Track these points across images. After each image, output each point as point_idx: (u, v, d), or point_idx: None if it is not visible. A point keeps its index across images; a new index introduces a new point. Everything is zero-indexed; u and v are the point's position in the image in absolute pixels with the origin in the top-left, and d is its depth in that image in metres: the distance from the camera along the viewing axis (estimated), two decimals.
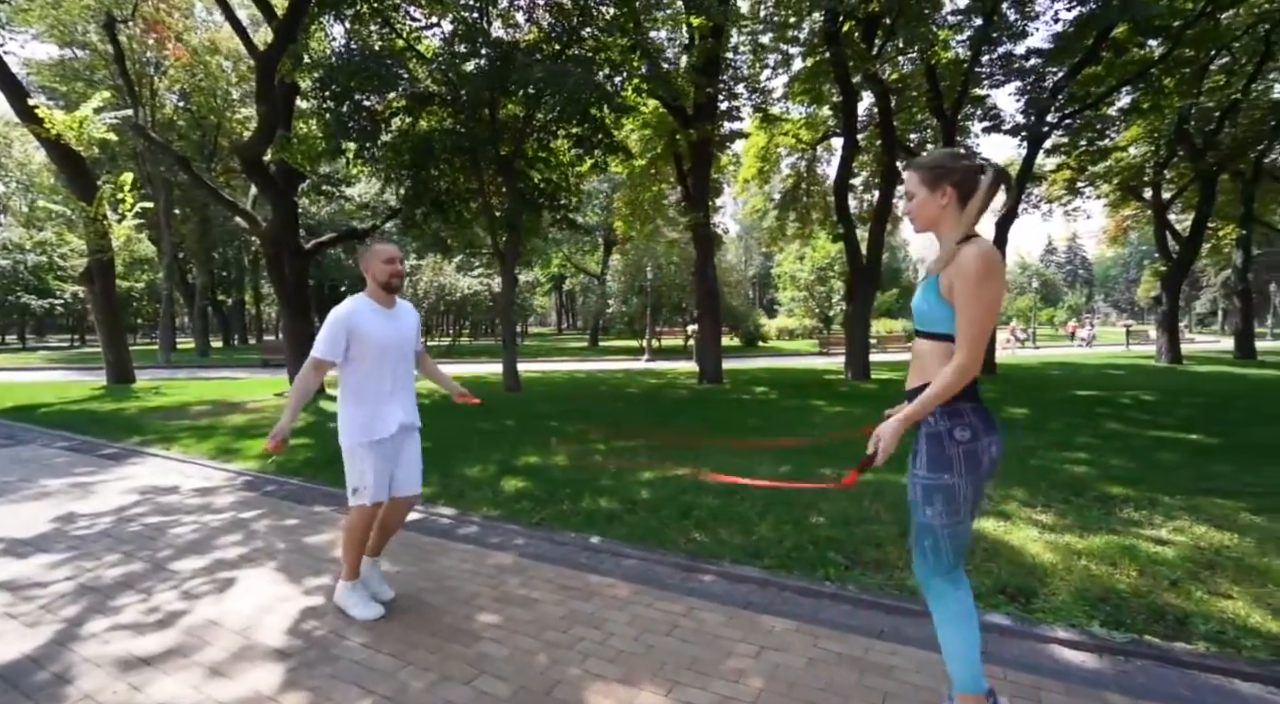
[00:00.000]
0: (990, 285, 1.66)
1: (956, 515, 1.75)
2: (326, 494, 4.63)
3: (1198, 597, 2.78)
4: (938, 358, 1.76)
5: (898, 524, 3.73)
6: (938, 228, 1.82)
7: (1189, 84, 14.75)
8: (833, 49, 11.75)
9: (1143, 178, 18.40)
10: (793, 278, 32.66)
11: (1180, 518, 3.88)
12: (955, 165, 1.79)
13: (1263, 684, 2.18)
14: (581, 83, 7.96)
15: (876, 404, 9.33)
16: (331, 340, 2.59)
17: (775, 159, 18.99)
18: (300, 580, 3.06)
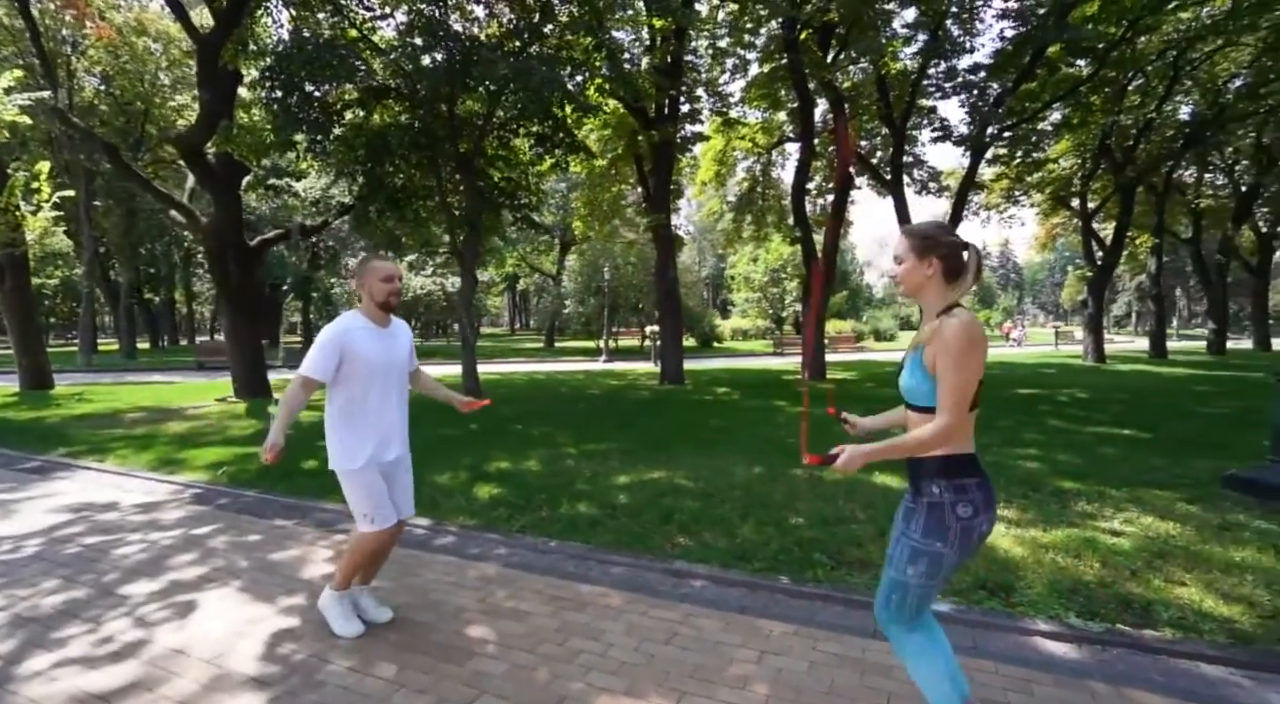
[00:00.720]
0: (974, 356, 1.66)
1: (934, 580, 1.77)
2: (287, 507, 4.39)
3: (1156, 585, 2.97)
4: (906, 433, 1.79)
5: (874, 524, 3.83)
6: (922, 295, 1.82)
7: (1111, 102, 15.82)
8: (790, 56, 12.00)
9: (1071, 188, 19.63)
10: (746, 279, 33.23)
11: (1128, 509, 4.13)
12: (943, 239, 1.81)
13: (1224, 666, 2.34)
14: (547, 80, 7.84)
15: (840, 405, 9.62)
16: (322, 360, 2.44)
17: (732, 162, 19.28)
18: (272, 600, 2.88)
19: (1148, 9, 12.98)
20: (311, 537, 3.77)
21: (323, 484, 4.82)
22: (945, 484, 1.74)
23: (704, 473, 5.17)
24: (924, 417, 1.78)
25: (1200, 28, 15.39)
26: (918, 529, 1.76)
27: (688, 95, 12.08)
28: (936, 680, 1.81)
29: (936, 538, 1.74)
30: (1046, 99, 14.37)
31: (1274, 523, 3.87)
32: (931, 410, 1.75)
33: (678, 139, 11.71)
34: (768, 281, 32.18)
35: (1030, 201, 20.82)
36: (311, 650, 2.45)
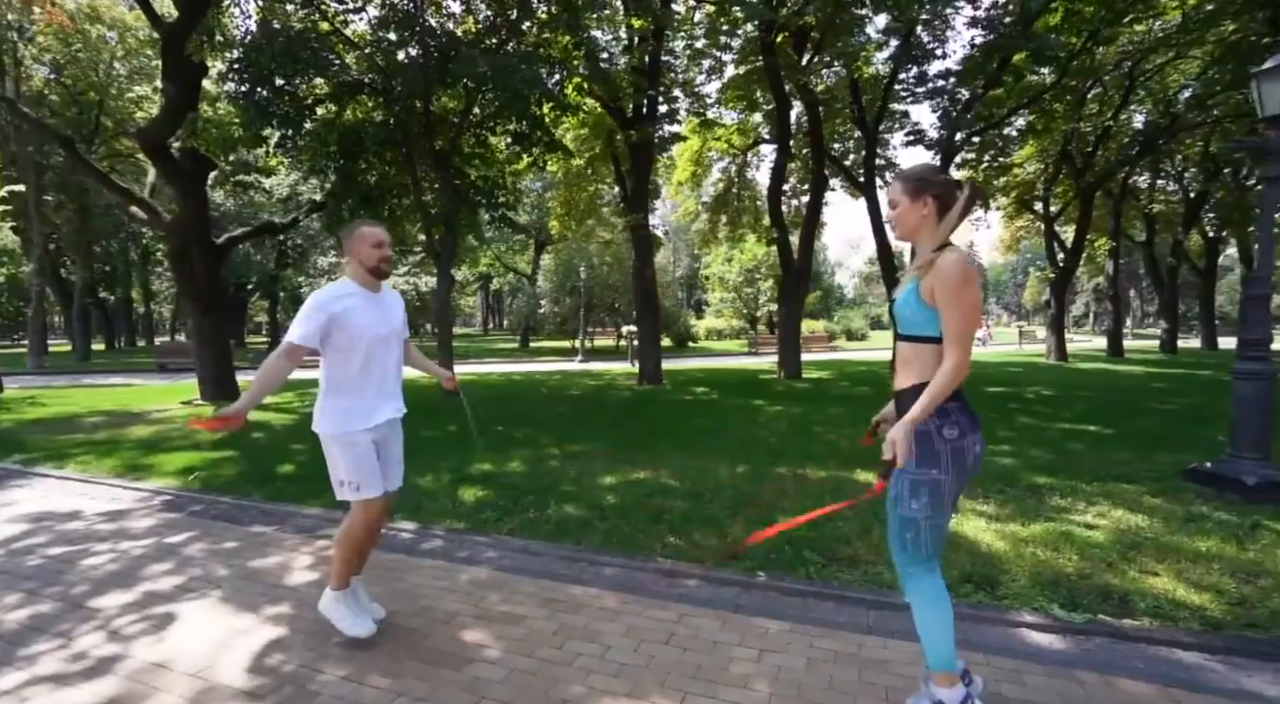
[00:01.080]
0: (971, 289, 1.77)
1: (940, 509, 1.85)
2: (265, 513, 4.26)
3: (1131, 576, 3.08)
4: (923, 359, 1.86)
5: (860, 521, 3.89)
6: (917, 235, 1.94)
7: (1072, 110, 16.38)
8: (767, 59, 12.13)
9: (1034, 192, 20.28)
10: (721, 279, 33.47)
11: (1099, 503, 4.28)
12: (936, 178, 1.92)
13: (1199, 653, 2.44)
14: (528, 79, 7.76)
15: (815, 403, 9.77)
16: (309, 326, 2.38)
17: (708, 163, 19.41)
18: (257, 610, 2.79)
19: (1105, 21, 13.47)
20: (293, 543, 3.66)
21: (303, 489, 4.70)
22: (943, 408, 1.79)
23: (690, 473, 5.19)
24: (918, 347, 1.87)
25: (1153, 40, 16.06)
26: (911, 461, 1.81)
27: (666, 96, 12.10)
28: (943, 632, 1.87)
29: (931, 465, 1.82)
30: (1012, 105, 14.81)
31: (1234, 514, 4.05)
32: (924, 339, 1.84)
33: (656, 139, 11.70)
34: (742, 282, 32.46)
35: (996, 205, 21.43)
36: (302, 660, 2.38)
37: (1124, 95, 17.80)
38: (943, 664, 1.89)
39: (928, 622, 1.90)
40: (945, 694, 1.88)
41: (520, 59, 7.86)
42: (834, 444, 6.54)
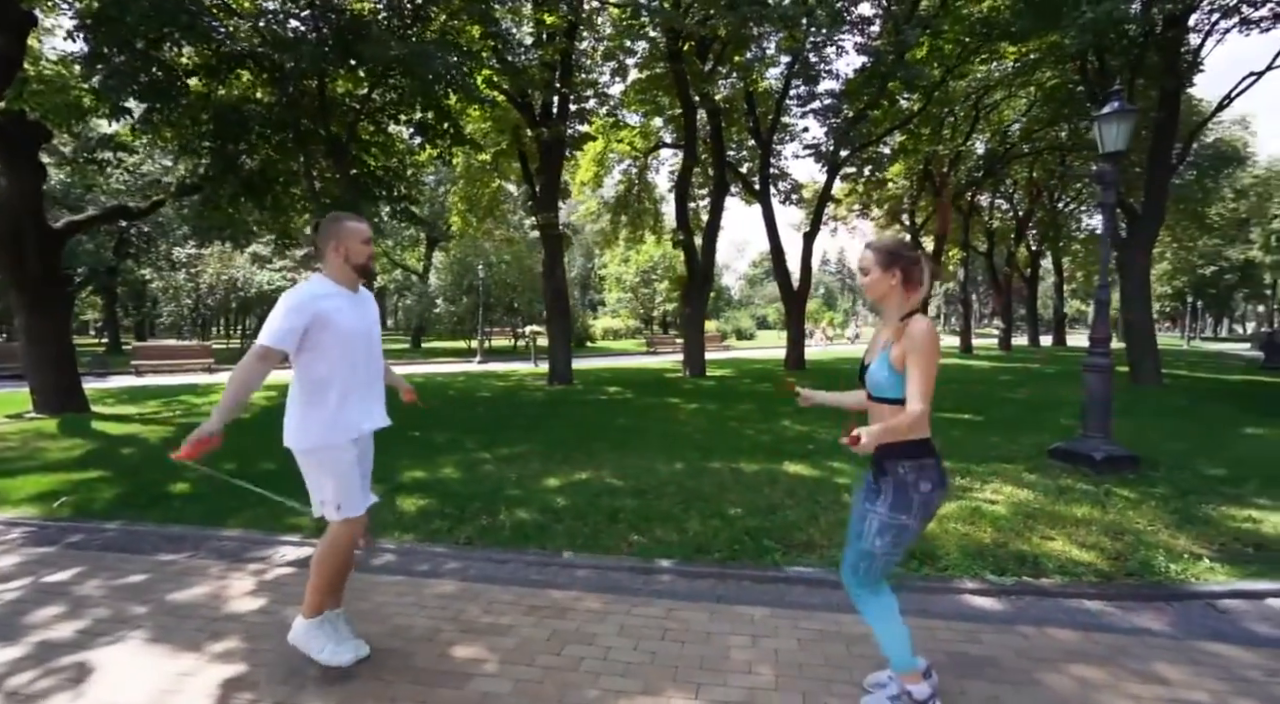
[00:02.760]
0: (935, 354, 1.96)
1: (897, 549, 2.05)
2: (171, 538, 3.75)
3: (1035, 542, 3.59)
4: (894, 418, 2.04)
5: (804, 509, 4.17)
6: (885, 302, 2.10)
7: (933, 135, 18.45)
8: (674, 66, 12.47)
9: (902, 205, 22.55)
10: (618, 279, 33.81)
11: (992, 481, 4.91)
12: (904, 253, 2.10)
13: (1100, 601, 2.91)
14: (445, 68, 7.40)
15: (726, 400, 10.21)
16: (288, 327, 2.14)
17: (609, 164, 19.57)
18: (199, 648, 2.47)
19: (960, 58, 15.35)
20: (218, 570, 3.26)
21: (209, 509, 4.19)
22: (910, 464, 1.99)
23: (630, 471, 5.25)
24: (889, 408, 2.03)
25: (993, 80, 18.52)
26: (885, 506, 2.00)
27: (577, 94, 12.04)
28: (897, 639, 2.07)
29: (902, 512, 2.00)
30: (887, 126, 16.37)
31: (1090, 484, 4.82)
32: (895, 402, 2.01)
33: (568, 137, 11.61)
34: (639, 282, 33.01)
35: (870, 216, 23.60)
36: (276, 697, 2.15)
37: (971, 125, 20.34)
38: (904, 667, 2.08)
39: (883, 634, 2.08)
40: (914, 689, 2.08)
41: (437, 47, 7.46)
42: (755, 439, 6.91)
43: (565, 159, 13.21)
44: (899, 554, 2.08)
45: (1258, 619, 2.81)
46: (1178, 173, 16.70)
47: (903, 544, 2.04)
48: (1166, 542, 3.60)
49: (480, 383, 13.26)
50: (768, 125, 16.52)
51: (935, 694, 2.07)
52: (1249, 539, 3.70)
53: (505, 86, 11.15)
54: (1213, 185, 27.09)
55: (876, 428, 1.93)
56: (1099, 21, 10.29)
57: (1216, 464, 5.68)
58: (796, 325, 16.95)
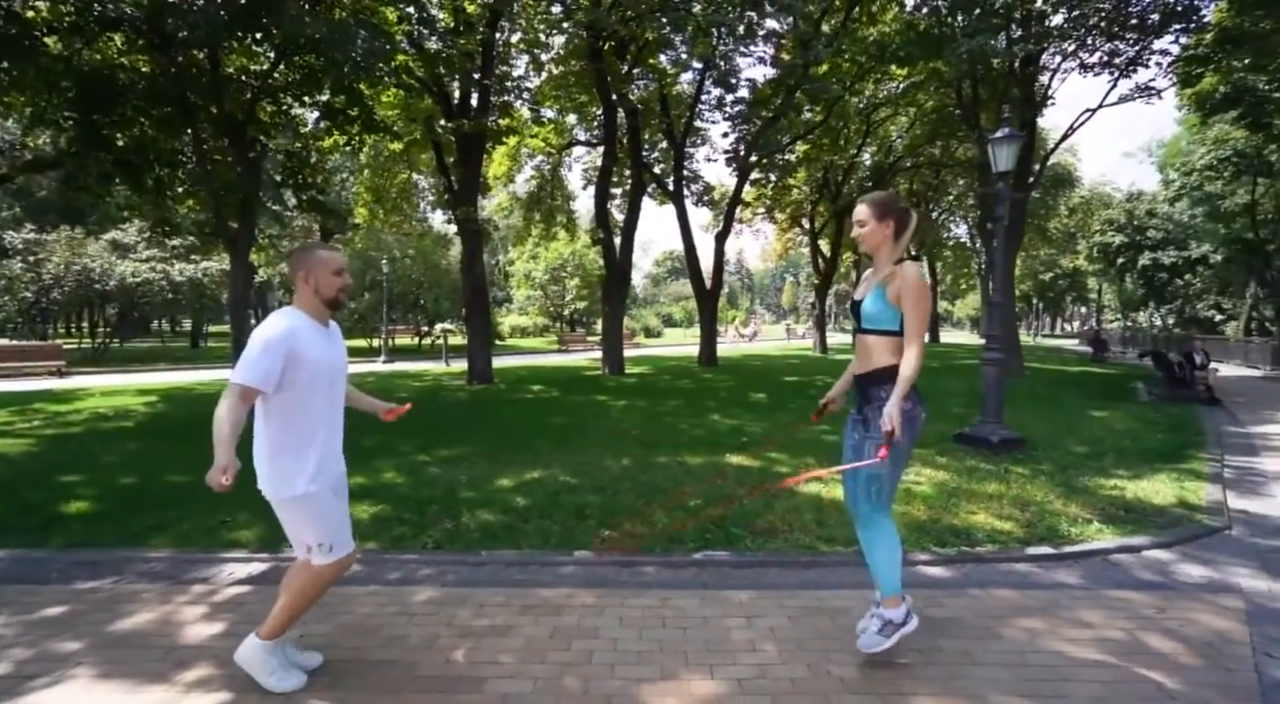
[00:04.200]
0: (928, 294, 2.30)
1: (899, 466, 2.36)
2: (85, 564, 3.30)
3: (963, 516, 4.04)
4: (885, 348, 2.30)
5: (755, 498, 4.41)
6: (879, 249, 2.38)
7: (832, 144, 19.81)
8: (595, 65, 12.49)
9: (803, 211, 24.00)
10: (527, 276, 33.23)
11: (914, 465, 5.42)
12: (896, 204, 2.40)
13: (1027, 563, 3.36)
14: (370, 52, 6.95)
15: (652, 397, 10.42)
16: (267, 365, 2.00)
17: (522, 160, 19.23)
18: (166, 679, 2.23)
19: (856, 77, 16.62)
20: (156, 594, 2.94)
21: (120, 527, 3.76)
22: (889, 389, 2.23)
23: (581, 469, 5.27)
24: (881, 339, 2.31)
25: (880, 99, 20.20)
26: (878, 428, 2.23)
27: (499, 87, 11.74)
28: (894, 563, 2.33)
29: (901, 432, 2.23)
30: (793, 135, 17.36)
31: (992, 464, 5.48)
32: (886, 332, 2.29)
33: (490, 130, 11.29)
34: (548, 279, 32.64)
35: (774, 219, 24.90)
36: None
37: (862, 138, 22.06)
38: (893, 590, 2.34)
39: (883, 557, 2.33)
40: (892, 613, 2.34)
41: (359, 26, 6.98)
42: (691, 433, 7.15)
43: (488, 152, 12.83)
44: (899, 472, 2.36)
45: (1141, 568, 3.37)
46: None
47: (901, 463, 2.33)
48: (1061, 510, 4.19)
49: (394, 384, 12.58)
50: (681, 128, 16.97)
51: (910, 612, 2.33)
52: (1119, 504, 4.40)
53: (420, 74, 10.67)
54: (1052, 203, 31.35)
55: (894, 399, 2.16)
56: (973, 52, 11.61)
57: (1080, 443, 6.65)
58: (709, 323, 17.57)
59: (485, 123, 10.71)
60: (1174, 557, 3.54)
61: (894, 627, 2.31)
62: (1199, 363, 11.35)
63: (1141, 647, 2.50)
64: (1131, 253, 36.19)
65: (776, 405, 9.43)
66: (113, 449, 6.13)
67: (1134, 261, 36.44)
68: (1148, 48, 13.61)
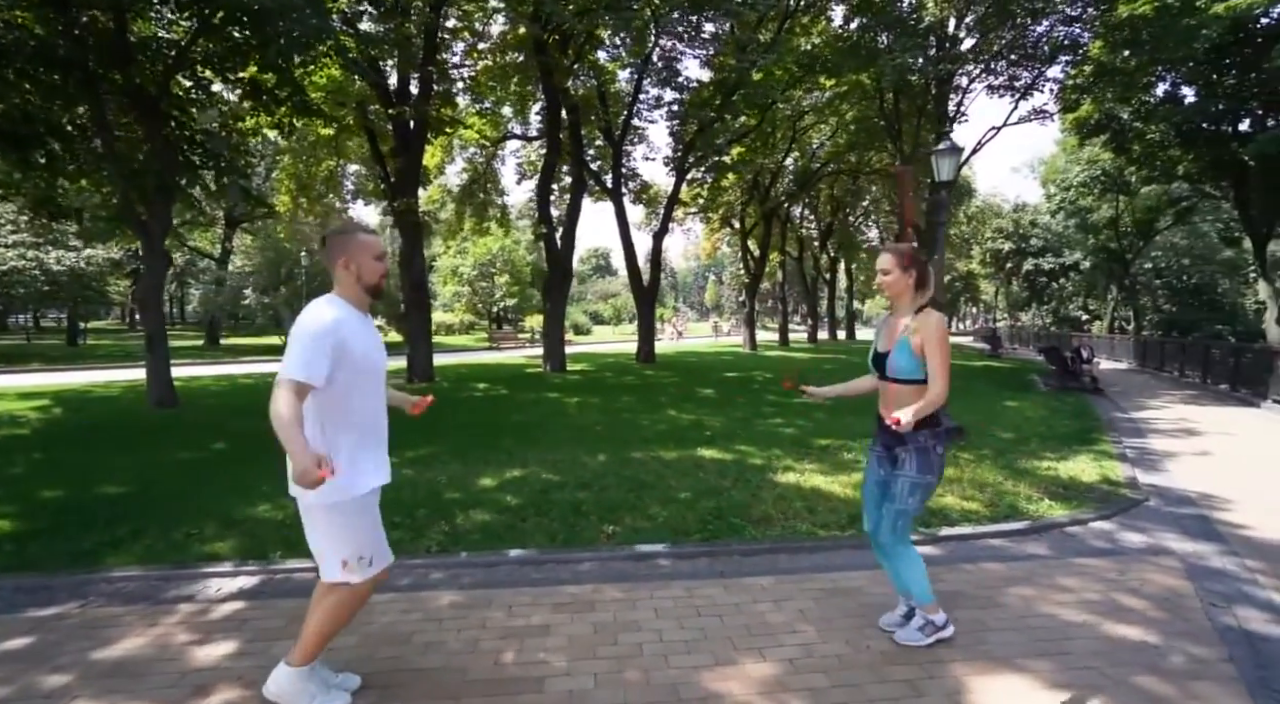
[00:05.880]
0: (947, 340, 2.42)
1: (923, 503, 2.52)
2: (28, 589, 2.92)
3: (935, 499, 4.34)
4: (911, 395, 2.40)
5: (744, 489, 4.57)
6: (900, 298, 2.51)
7: (764, 147, 20.54)
8: (540, 58, 12.30)
9: (734, 212, 24.72)
10: (454, 272, 32.13)
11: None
12: (918, 257, 2.55)
13: (1001, 538, 3.70)
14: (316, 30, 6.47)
15: (603, 393, 10.42)
16: (317, 358, 1.85)
17: (453, 152, 18.60)
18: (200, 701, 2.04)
19: (787, 85, 17.32)
20: (137, 617, 2.65)
21: (70, 546, 3.36)
22: (928, 432, 2.42)
23: (557, 466, 5.23)
24: (909, 387, 2.44)
25: (806, 107, 21.18)
26: (913, 469, 2.41)
27: (440, 75, 11.28)
28: (922, 577, 2.51)
29: (927, 472, 2.43)
30: (728, 137, 17.85)
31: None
32: (913, 382, 2.43)
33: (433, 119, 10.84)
34: (477, 275, 31.72)
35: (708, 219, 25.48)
36: None
37: (788, 145, 23.03)
38: (927, 599, 2.51)
39: (912, 576, 2.49)
40: (936, 617, 2.52)
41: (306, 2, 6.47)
42: (654, 428, 7.24)
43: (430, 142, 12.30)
44: (922, 507, 2.51)
45: (1093, 538, 3.80)
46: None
47: (927, 498, 2.48)
48: (1014, 490, 4.63)
49: None
50: (619, 126, 17.02)
51: (947, 619, 2.52)
52: (1058, 483, 4.91)
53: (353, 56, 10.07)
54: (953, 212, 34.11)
55: (913, 409, 2.30)
56: (901, 68, 12.46)
57: (1004, 430, 7.32)
58: (647, 321, 17.75)
59: (428, 111, 10.27)
60: (1114, 527, 4.01)
61: (934, 628, 2.47)
62: (1085, 357, 12.78)
63: (1116, 605, 2.83)
64: (1018, 258, 40.03)
65: (725, 400, 9.70)
66: (15, 460, 5.41)
67: (1019, 266, 40.34)
68: (1042, 75, 15.15)
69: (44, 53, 7.26)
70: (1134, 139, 20.34)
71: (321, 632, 2.02)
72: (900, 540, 2.46)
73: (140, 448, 5.81)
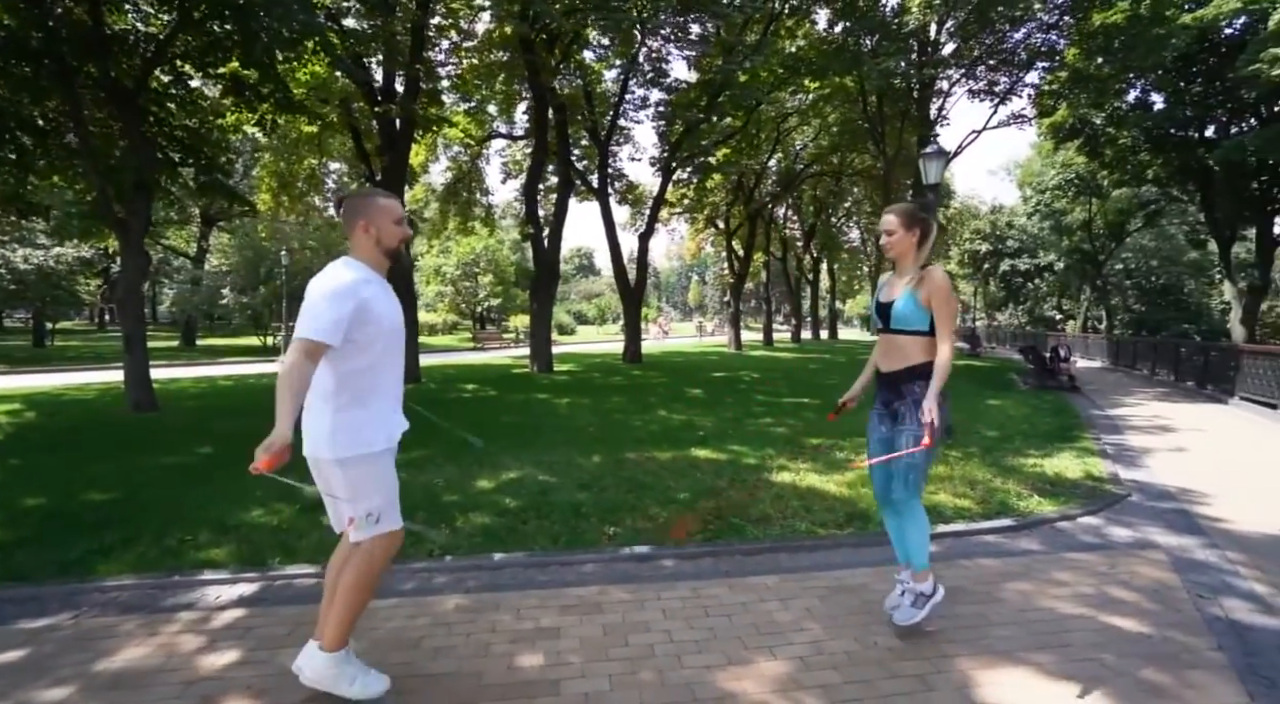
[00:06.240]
0: (954, 296, 2.53)
1: (933, 457, 2.59)
2: (16, 600, 2.84)
3: (928, 496, 4.34)
4: (917, 347, 2.52)
5: (738, 489, 4.60)
6: (905, 256, 2.60)
7: (749, 149, 20.69)
8: (527, 56, 12.23)
9: (719, 213, 24.85)
10: (437, 271, 31.81)
11: (862, 453, 5.84)
12: (922, 214, 2.63)
13: (992, 533, 3.77)
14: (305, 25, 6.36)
15: (592, 394, 10.41)
16: (335, 317, 1.86)
17: (438, 150, 18.44)
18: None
19: (773, 87, 17.47)
20: (136, 626, 2.59)
21: (52, 553, 3.27)
22: (923, 383, 2.46)
23: (553, 468, 5.21)
24: (913, 338, 2.51)
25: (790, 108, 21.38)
26: (914, 422, 2.46)
27: (427, 73, 11.16)
28: (925, 541, 2.56)
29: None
30: (714, 138, 17.94)
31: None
32: (918, 332, 2.49)
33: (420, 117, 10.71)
34: (460, 275, 31.44)
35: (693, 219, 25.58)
36: None
37: (773, 146, 23.22)
38: (924, 564, 2.58)
39: (917, 537, 2.56)
40: (923, 586, 2.58)
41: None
42: (646, 429, 7.25)
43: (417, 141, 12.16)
44: (932, 461, 2.56)
45: (1081, 532, 3.90)
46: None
47: (935, 454, 2.53)
48: (1003, 487, 4.73)
49: None
50: (605, 126, 17.02)
51: (938, 584, 2.56)
52: (1045, 479, 5.03)
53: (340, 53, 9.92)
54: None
55: (932, 391, 2.36)
56: (886, 71, 12.63)
57: (990, 427, 7.47)
58: (634, 321, 17.77)
59: (415, 109, 10.16)
60: (1101, 521, 4.12)
61: (925, 598, 2.53)
62: (1063, 356, 13.09)
63: (1109, 598, 2.91)
64: (994, 259, 40.84)
65: (715, 400, 9.75)
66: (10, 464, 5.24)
67: (996, 267, 41.16)
68: (1020, 81, 15.47)
69: (15, 44, 7.06)
70: (1106, 144, 20.93)
71: (346, 607, 2.02)
72: (914, 495, 2.50)
73: (122, 453, 5.67)
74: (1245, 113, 18.47)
